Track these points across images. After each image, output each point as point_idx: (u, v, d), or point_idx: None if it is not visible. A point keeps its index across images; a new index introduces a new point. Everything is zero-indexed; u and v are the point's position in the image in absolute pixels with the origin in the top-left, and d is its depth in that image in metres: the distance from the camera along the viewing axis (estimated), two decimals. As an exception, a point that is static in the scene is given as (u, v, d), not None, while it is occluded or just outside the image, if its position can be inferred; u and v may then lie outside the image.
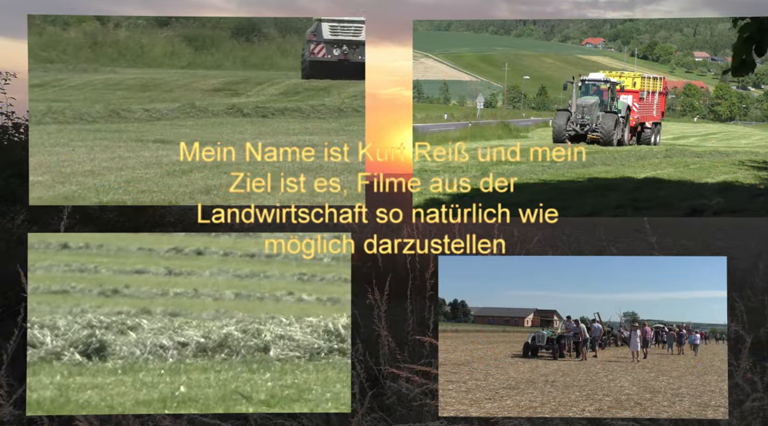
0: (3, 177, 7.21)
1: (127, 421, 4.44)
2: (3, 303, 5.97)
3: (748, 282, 7.97)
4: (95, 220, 7.66)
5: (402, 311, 5.68)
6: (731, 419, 4.35)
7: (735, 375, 4.55)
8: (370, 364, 4.93)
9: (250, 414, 4.46)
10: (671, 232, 10.56)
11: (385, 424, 4.63)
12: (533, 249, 8.40)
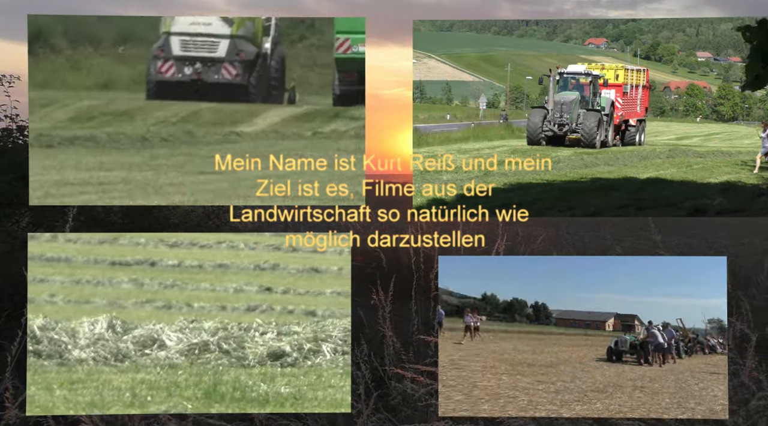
0: (7, 180, 7.22)
1: (132, 421, 4.44)
2: (8, 306, 5.97)
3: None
4: (100, 222, 7.67)
5: (406, 311, 5.69)
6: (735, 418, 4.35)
7: (740, 374, 4.55)
8: (375, 364, 4.94)
9: (255, 414, 4.46)
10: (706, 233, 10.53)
11: (390, 424, 4.63)
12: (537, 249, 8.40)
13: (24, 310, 4.62)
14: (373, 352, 4.99)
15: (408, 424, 4.50)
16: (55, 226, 7.21)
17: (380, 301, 5.14)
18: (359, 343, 4.94)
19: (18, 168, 7.06)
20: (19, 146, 7.70)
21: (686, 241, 11.97)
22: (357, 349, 4.86)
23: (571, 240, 10.09)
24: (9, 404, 4.27)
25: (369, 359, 4.85)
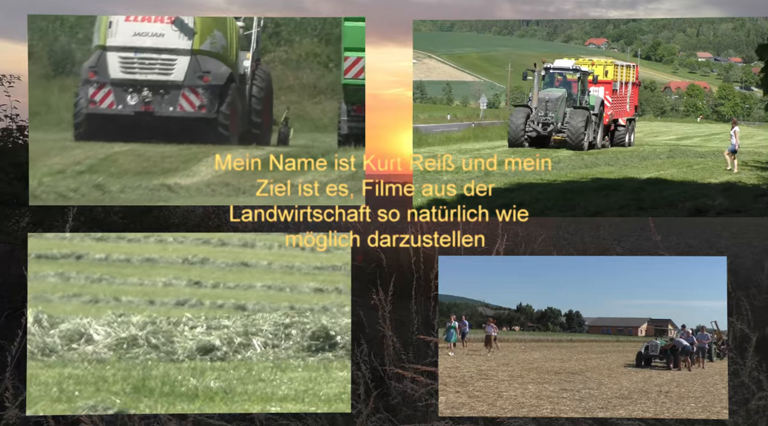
0: (7, 180, 7.22)
1: (132, 421, 4.44)
2: (9, 306, 5.98)
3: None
4: (99, 222, 7.67)
5: (406, 311, 5.69)
6: (736, 418, 4.34)
7: (740, 373, 4.55)
8: (375, 364, 4.94)
9: (255, 414, 4.45)
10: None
11: (390, 424, 4.63)
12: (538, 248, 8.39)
13: (24, 310, 4.61)
14: (373, 352, 4.99)
15: (408, 424, 4.49)
16: (55, 226, 7.22)
17: (380, 301, 5.14)
18: (359, 343, 4.93)
19: (18, 168, 7.07)
20: (19, 146, 7.70)
21: (687, 240, 11.97)
22: (357, 349, 4.86)
23: (571, 240, 10.06)
24: (9, 404, 4.26)
25: (369, 359, 4.84)
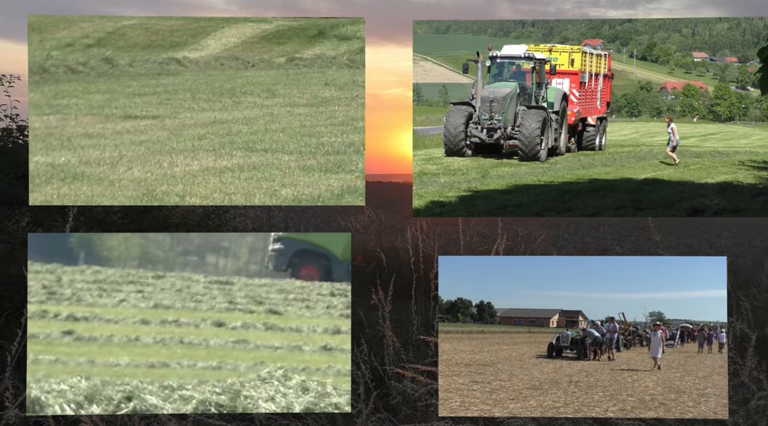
0: (7, 180, 7.22)
1: (132, 421, 4.44)
2: (9, 306, 5.97)
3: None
4: (99, 222, 7.67)
5: (406, 311, 5.70)
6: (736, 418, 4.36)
7: (740, 373, 4.57)
8: (375, 364, 4.94)
9: (255, 414, 4.46)
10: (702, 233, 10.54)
11: (390, 424, 4.64)
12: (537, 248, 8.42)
13: (24, 310, 4.61)
14: (373, 352, 5.00)
15: (408, 424, 4.50)
16: (55, 226, 7.21)
17: (380, 301, 5.14)
18: (359, 343, 4.94)
19: (18, 168, 7.06)
20: (19, 146, 7.69)
21: (686, 240, 12.00)
22: (357, 349, 4.87)
23: (571, 240, 10.07)
24: (9, 404, 4.26)
25: (369, 359, 4.85)
